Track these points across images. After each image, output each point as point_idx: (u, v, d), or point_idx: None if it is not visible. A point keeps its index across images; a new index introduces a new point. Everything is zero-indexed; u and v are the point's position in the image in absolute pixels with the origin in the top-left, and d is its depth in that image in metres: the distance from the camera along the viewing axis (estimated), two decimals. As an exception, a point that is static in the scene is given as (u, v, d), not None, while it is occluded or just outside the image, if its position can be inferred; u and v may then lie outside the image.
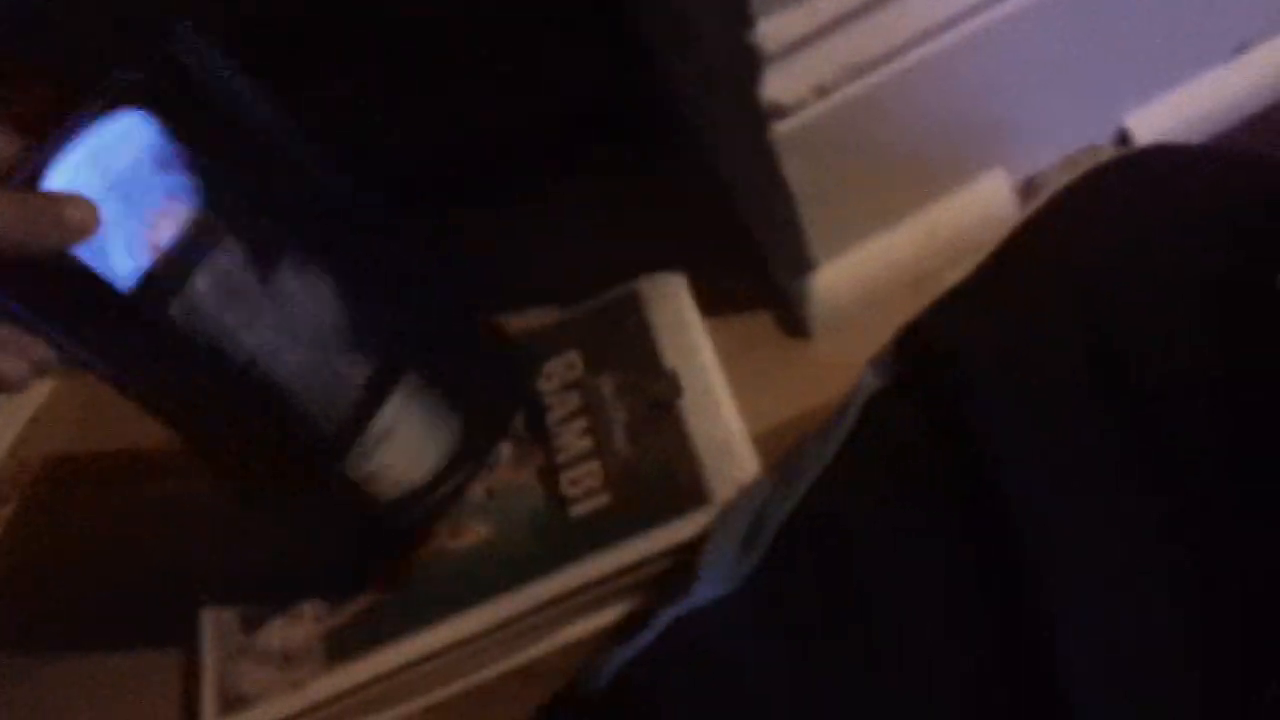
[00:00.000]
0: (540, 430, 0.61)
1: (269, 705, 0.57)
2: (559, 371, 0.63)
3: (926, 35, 0.55)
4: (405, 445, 0.56)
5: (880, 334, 0.60)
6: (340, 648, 0.58)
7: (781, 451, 0.59)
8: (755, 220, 0.66)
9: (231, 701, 0.58)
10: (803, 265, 0.61)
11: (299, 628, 0.58)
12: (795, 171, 0.57)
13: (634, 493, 0.58)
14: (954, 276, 0.61)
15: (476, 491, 0.60)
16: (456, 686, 0.58)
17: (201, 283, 0.49)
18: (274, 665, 0.58)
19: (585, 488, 0.59)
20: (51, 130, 0.46)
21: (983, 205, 0.62)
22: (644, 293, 0.65)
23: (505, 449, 0.61)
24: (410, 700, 0.58)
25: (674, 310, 0.64)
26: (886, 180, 0.60)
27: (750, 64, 0.54)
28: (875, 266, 0.62)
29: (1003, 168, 0.62)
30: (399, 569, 0.59)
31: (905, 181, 0.60)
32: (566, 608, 0.57)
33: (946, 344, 0.51)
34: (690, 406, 0.60)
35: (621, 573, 0.56)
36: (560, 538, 0.58)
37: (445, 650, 0.57)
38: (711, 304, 0.65)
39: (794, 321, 0.64)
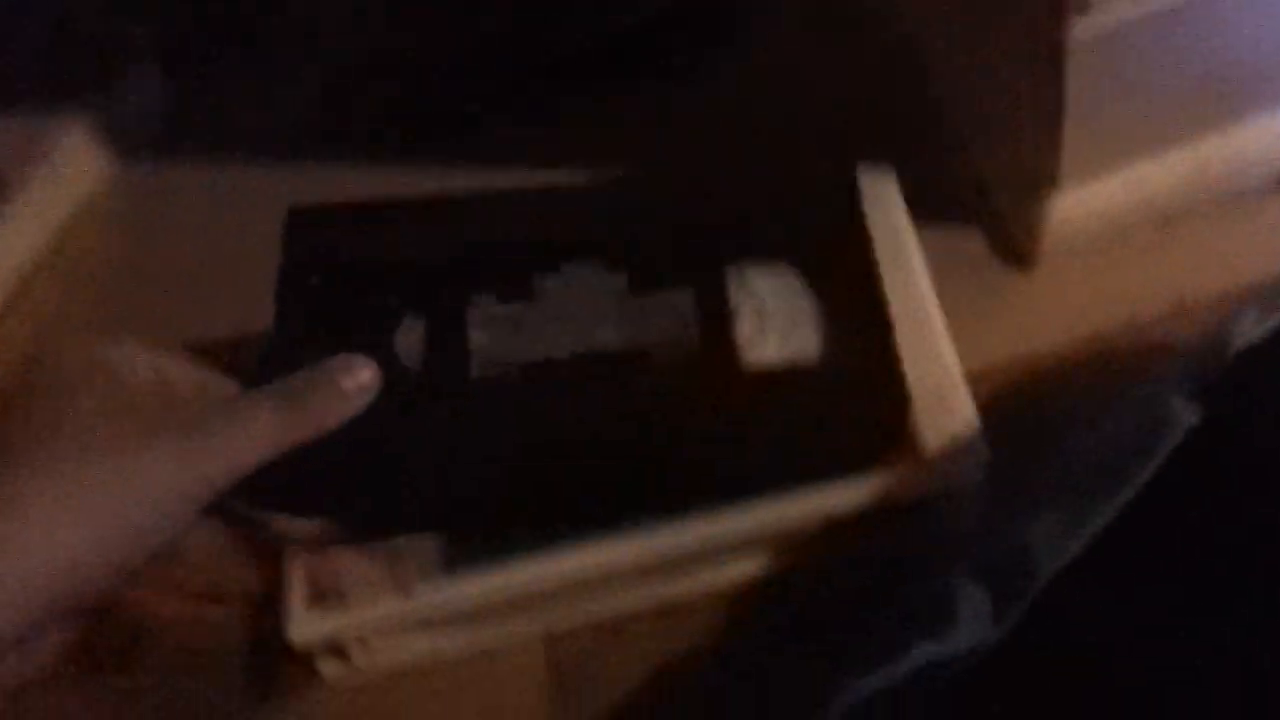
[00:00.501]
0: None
1: (367, 605, 0.46)
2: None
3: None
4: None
5: (1112, 276, 0.52)
6: (462, 555, 0.47)
7: (986, 392, 0.51)
8: (981, 128, 0.57)
9: (322, 593, 0.46)
10: (1041, 186, 0.52)
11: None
12: (1080, 78, 0.47)
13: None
14: (1208, 222, 0.53)
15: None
16: (581, 616, 0.50)
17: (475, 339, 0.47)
18: (380, 559, 0.47)
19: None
20: None
21: (1254, 147, 0.53)
22: (861, 187, 0.52)
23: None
24: (530, 623, 0.49)
25: (886, 217, 0.52)
26: (1163, 103, 0.51)
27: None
28: (1123, 198, 0.53)
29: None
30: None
31: (1181, 109, 0.51)
32: (726, 550, 0.47)
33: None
34: (903, 337, 0.48)
35: (799, 522, 0.46)
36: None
37: (579, 578, 0.47)
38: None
39: (1012, 249, 0.55)
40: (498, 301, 0.48)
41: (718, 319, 0.47)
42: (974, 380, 0.51)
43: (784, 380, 0.46)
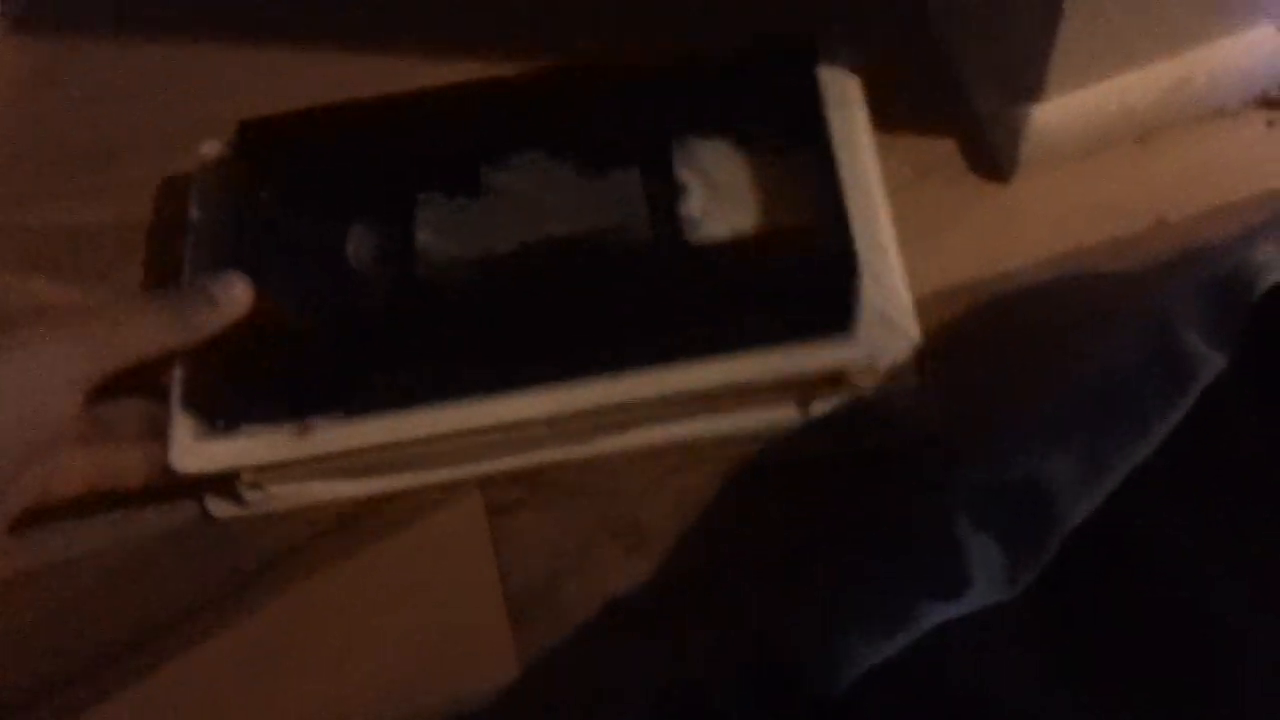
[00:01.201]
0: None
1: (257, 438, 0.45)
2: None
3: None
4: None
5: (1092, 189, 0.51)
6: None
7: (961, 309, 0.49)
8: (961, 27, 0.54)
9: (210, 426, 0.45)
10: (1024, 93, 0.50)
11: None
12: (1081, -21, 0.44)
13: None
14: (1189, 137, 0.51)
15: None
16: (506, 463, 0.48)
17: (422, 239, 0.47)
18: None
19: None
20: None
21: (1237, 62, 0.51)
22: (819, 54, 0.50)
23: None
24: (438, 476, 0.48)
25: (839, 86, 0.50)
26: (1154, 10, 0.48)
27: None
28: (1105, 109, 0.51)
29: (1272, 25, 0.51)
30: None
31: (1169, 18, 0.49)
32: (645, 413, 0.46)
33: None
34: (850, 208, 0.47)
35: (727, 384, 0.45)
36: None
37: (499, 428, 0.45)
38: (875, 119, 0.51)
39: (989, 158, 0.52)
40: (445, 199, 0.47)
41: (665, 198, 0.47)
42: (949, 295, 0.50)
43: (731, 254, 0.46)
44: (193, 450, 0.45)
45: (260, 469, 0.45)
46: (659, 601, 0.45)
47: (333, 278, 0.47)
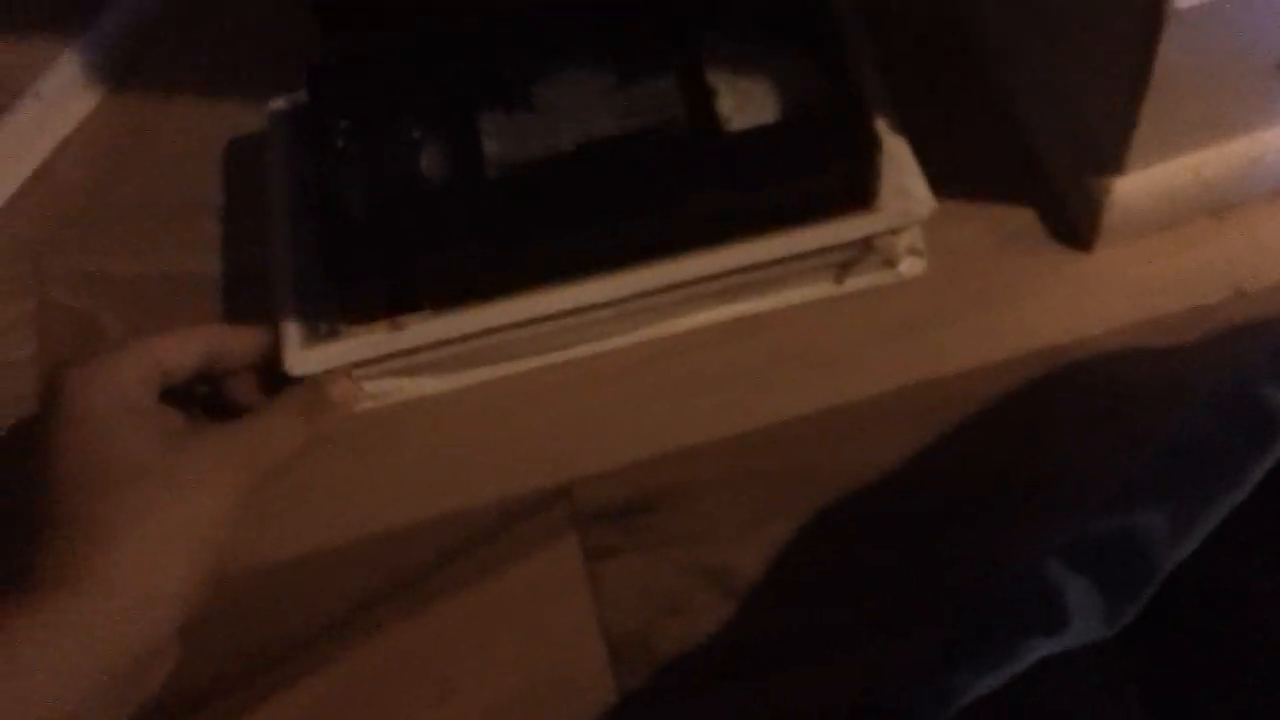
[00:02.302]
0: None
1: (363, 340, 0.51)
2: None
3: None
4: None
5: (1170, 261, 0.53)
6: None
7: (1041, 374, 0.51)
8: (1037, 99, 0.56)
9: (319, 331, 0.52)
10: (1105, 166, 0.52)
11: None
12: (1168, 53, 0.46)
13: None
14: (1264, 212, 0.53)
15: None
16: (566, 354, 0.54)
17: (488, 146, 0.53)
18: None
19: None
20: None
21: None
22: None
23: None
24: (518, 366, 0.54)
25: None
26: (1234, 88, 0.50)
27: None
28: (1183, 183, 0.53)
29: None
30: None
31: (1247, 95, 0.51)
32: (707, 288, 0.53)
33: None
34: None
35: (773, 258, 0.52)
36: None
37: (567, 313, 0.52)
38: (949, 185, 0.54)
39: (1068, 227, 0.54)
40: (504, 114, 0.53)
41: (700, 99, 0.52)
42: (1030, 360, 0.51)
43: (762, 143, 0.51)
44: (303, 355, 0.51)
45: (358, 365, 0.51)
46: (757, 646, 0.47)
47: (410, 193, 0.52)
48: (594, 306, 0.52)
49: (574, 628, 0.48)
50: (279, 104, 0.57)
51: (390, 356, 0.52)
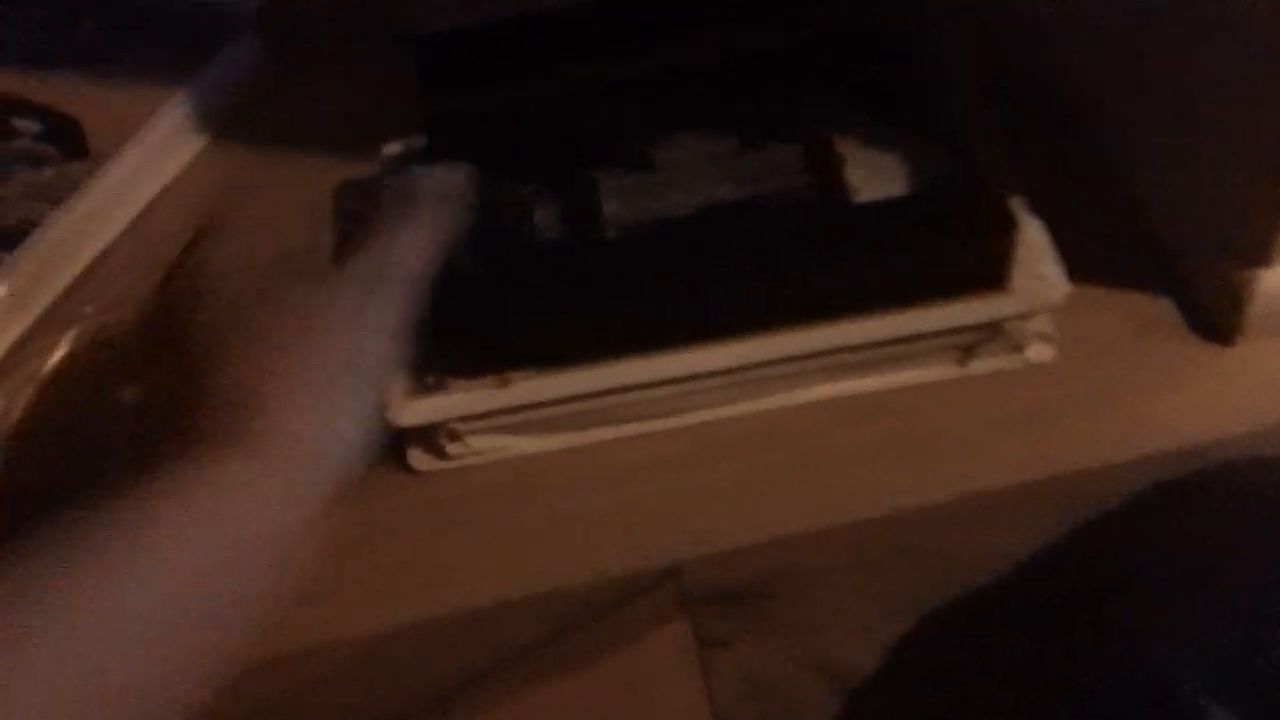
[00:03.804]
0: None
1: (466, 391, 0.50)
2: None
3: None
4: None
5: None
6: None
7: (1179, 472, 0.48)
8: (1171, 190, 0.54)
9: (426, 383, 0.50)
10: (1250, 259, 0.50)
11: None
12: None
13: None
14: None
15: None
16: (676, 421, 0.52)
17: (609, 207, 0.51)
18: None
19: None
20: None
21: None
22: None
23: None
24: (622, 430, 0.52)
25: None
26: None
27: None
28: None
29: None
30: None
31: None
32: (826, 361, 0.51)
33: None
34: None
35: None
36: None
37: (679, 380, 0.50)
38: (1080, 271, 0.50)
39: (1207, 320, 0.52)
40: (623, 175, 0.52)
41: (829, 167, 0.51)
42: (1167, 458, 0.49)
43: (890, 216, 0.50)
44: (407, 406, 0.49)
45: (463, 419, 0.50)
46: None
47: (524, 249, 0.51)
48: (707, 375, 0.50)
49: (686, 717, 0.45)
50: (393, 148, 0.56)
51: (495, 413, 0.50)
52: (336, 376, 0.40)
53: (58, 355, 0.59)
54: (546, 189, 0.52)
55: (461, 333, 0.49)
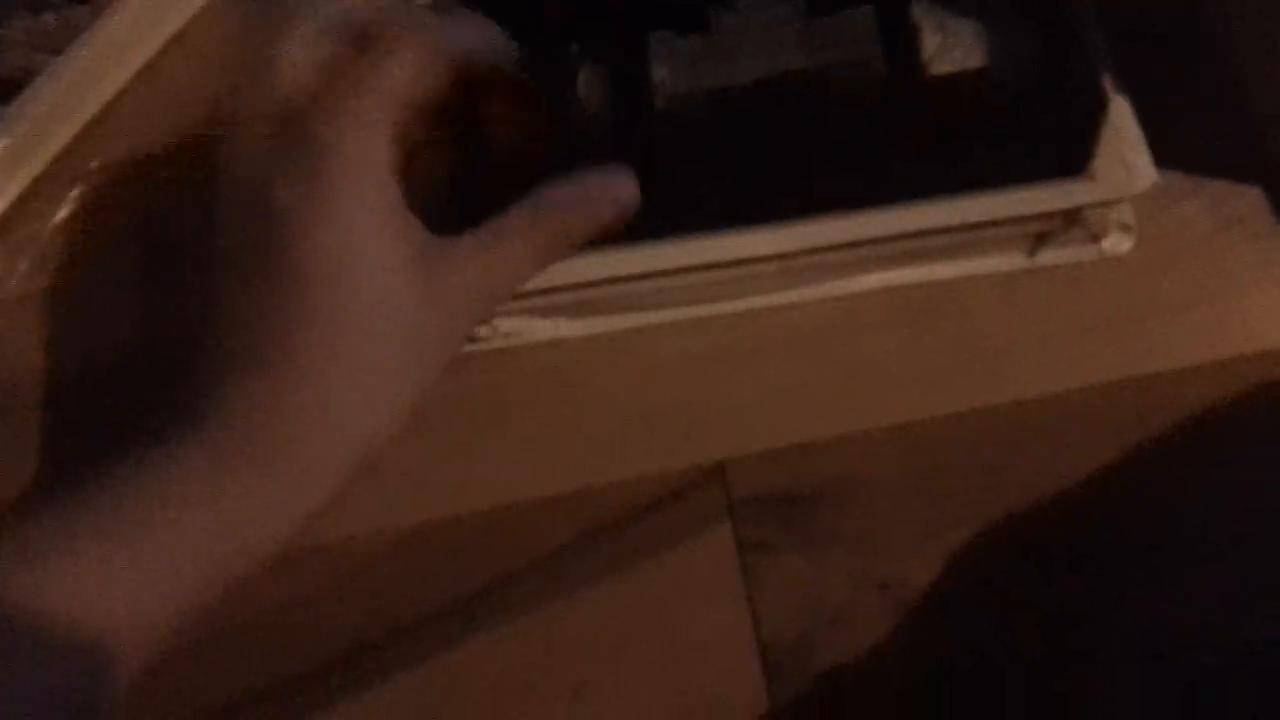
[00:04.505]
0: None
1: None
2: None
3: None
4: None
5: None
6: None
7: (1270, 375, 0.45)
8: (1268, 64, 0.49)
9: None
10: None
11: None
12: None
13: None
14: None
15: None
16: (723, 307, 0.48)
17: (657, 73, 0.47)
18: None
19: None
20: None
21: None
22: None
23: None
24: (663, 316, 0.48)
25: None
26: None
27: None
28: None
29: None
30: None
31: None
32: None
33: None
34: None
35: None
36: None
37: (727, 264, 0.44)
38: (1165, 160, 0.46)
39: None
40: (677, 39, 0.47)
41: (902, 35, 0.47)
42: (1251, 363, 0.45)
43: (967, 91, 0.46)
44: None
45: None
46: (929, 667, 0.42)
47: (564, 116, 0.46)
48: (762, 258, 0.46)
49: (725, 633, 0.43)
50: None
51: (526, 293, 0.45)
52: (387, 348, 0.33)
53: (61, 215, 0.56)
54: (591, 51, 0.48)
55: (490, 208, 0.45)
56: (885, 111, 0.46)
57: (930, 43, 0.47)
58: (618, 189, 0.38)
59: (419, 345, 0.34)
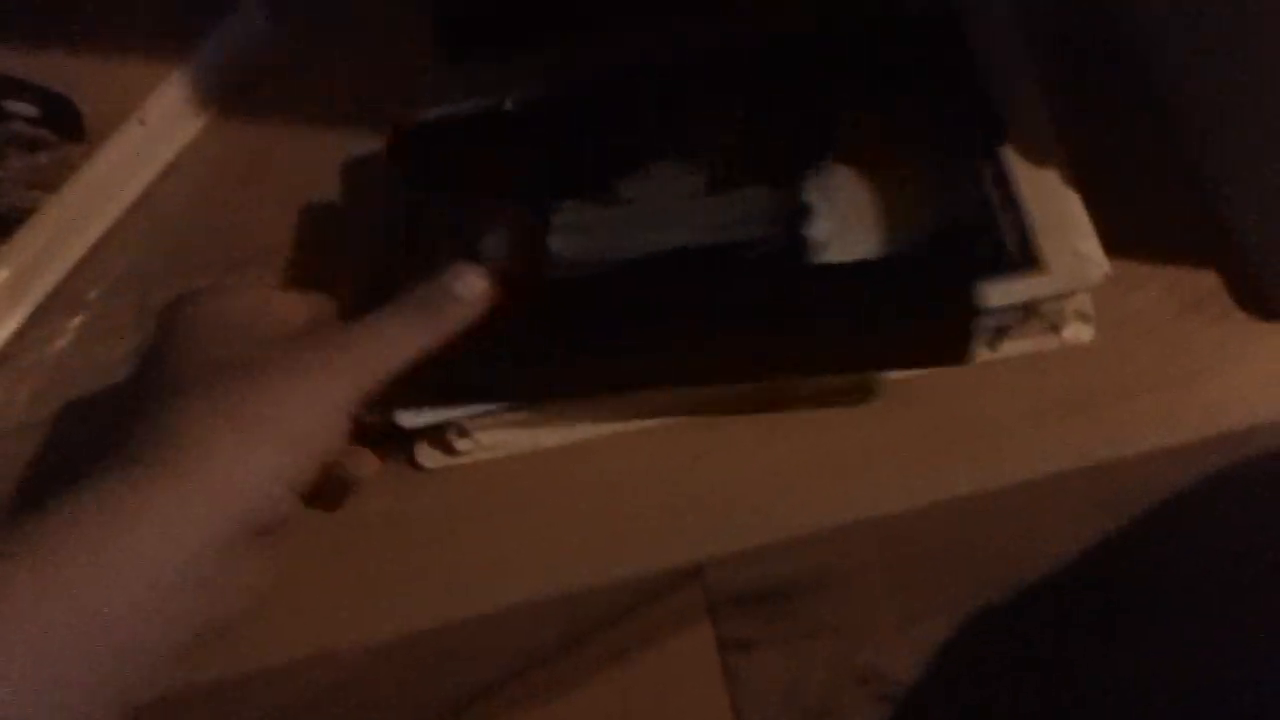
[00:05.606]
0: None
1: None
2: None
3: None
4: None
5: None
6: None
7: (1229, 458, 0.46)
8: (1235, 165, 0.51)
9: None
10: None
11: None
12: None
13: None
14: None
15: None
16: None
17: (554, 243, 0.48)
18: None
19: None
20: None
21: None
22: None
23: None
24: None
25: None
26: None
27: None
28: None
29: None
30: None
31: None
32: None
33: None
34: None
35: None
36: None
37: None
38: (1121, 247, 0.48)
39: (1257, 296, 0.49)
40: (580, 205, 0.49)
41: (793, 217, 0.48)
42: (1216, 444, 0.46)
43: (855, 276, 0.46)
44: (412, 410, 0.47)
45: (471, 419, 0.48)
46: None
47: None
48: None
49: (708, 727, 0.43)
50: (355, 150, 0.56)
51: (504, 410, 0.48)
52: (271, 434, 0.40)
53: (60, 344, 0.57)
54: (495, 215, 0.49)
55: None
56: (770, 291, 0.46)
57: (820, 227, 0.48)
58: (471, 280, 0.44)
59: (275, 410, 0.41)
